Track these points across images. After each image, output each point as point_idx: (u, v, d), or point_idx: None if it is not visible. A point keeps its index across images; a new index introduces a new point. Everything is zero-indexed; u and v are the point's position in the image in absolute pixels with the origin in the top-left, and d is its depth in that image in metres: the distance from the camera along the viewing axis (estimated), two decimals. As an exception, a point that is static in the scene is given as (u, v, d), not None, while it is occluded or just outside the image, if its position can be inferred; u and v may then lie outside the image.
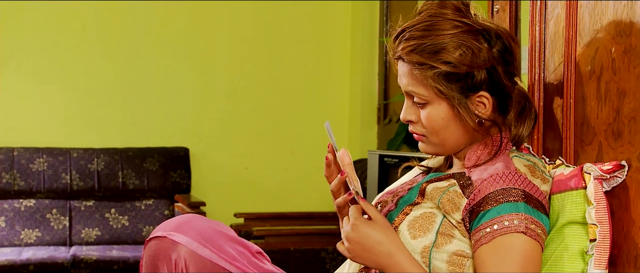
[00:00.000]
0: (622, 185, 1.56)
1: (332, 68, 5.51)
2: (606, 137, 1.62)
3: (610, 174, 1.57)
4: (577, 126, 1.73)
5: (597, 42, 1.65)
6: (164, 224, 1.74)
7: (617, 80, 1.58)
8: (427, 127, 1.69)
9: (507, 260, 1.54)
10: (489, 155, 1.68)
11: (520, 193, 1.57)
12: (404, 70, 1.70)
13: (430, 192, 1.67)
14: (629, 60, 1.55)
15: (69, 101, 5.16)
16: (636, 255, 1.53)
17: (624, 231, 1.56)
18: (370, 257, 1.64)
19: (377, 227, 1.64)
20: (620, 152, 1.57)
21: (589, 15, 1.68)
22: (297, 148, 5.45)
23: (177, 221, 1.74)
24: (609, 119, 1.61)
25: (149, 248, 1.73)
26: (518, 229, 1.54)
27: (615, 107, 1.59)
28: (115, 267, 4.44)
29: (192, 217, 1.75)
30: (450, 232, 1.62)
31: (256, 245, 1.78)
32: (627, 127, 1.55)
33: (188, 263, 1.68)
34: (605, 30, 1.63)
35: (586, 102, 1.69)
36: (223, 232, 1.75)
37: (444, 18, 1.68)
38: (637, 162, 1.52)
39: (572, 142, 1.73)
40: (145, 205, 5.01)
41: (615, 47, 1.59)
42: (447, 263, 1.62)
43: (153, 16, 5.24)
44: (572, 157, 1.73)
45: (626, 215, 1.55)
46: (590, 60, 1.67)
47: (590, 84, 1.68)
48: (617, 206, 1.57)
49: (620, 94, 1.57)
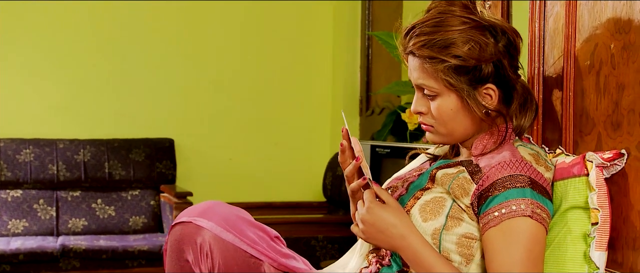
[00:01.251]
0: (621, 173, 1.67)
1: (314, 62, 5.59)
2: (605, 128, 1.73)
3: (610, 162, 1.68)
4: (576, 117, 1.84)
5: (596, 39, 1.76)
6: (188, 210, 1.83)
7: (617, 74, 1.69)
8: (437, 117, 1.79)
9: (514, 242, 1.64)
10: (495, 144, 1.78)
11: (526, 180, 1.67)
12: (415, 64, 1.79)
13: (441, 178, 1.78)
14: (627, 56, 1.66)
15: (55, 93, 5.19)
16: (634, 238, 1.65)
17: (622, 215, 1.67)
18: (384, 239, 1.74)
19: (390, 210, 1.74)
20: (619, 141, 1.68)
21: (588, 13, 1.79)
22: (280, 140, 5.54)
23: (201, 207, 1.82)
24: (608, 110, 1.72)
25: (174, 233, 1.81)
26: (524, 213, 1.65)
27: (614, 99, 1.70)
28: (104, 257, 4.48)
29: (215, 203, 1.84)
30: (459, 216, 1.73)
31: (274, 231, 1.87)
32: (626, 118, 1.66)
33: (212, 247, 1.77)
34: (604, 27, 1.73)
35: (585, 95, 1.80)
36: (244, 217, 1.84)
37: (452, 15, 1.77)
38: (636, 151, 1.63)
39: (572, 133, 1.84)
40: (131, 196, 5.06)
41: (614, 43, 1.70)
42: (456, 245, 1.72)
43: (140, 11, 5.28)
44: (572, 147, 1.84)
45: (625, 201, 1.67)
46: (590, 55, 1.78)
47: (589, 77, 1.79)
48: (616, 192, 1.69)
49: (619, 87, 1.68)
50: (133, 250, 4.51)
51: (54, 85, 5.18)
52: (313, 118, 5.58)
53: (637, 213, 1.64)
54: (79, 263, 4.47)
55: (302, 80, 5.57)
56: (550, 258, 1.71)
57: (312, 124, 5.58)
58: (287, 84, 5.54)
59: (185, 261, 1.78)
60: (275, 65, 5.51)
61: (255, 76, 5.48)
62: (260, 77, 5.49)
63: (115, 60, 5.27)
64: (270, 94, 5.52)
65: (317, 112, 5.59)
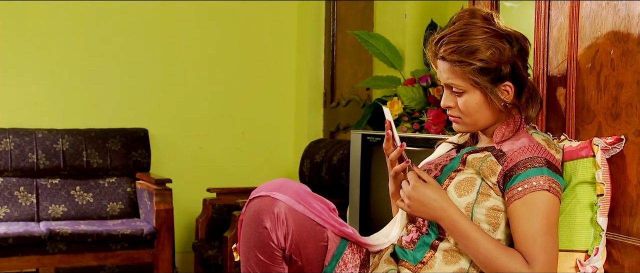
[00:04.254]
0: (620, 154, 2.08)
1: (280, 58, 5.90)
2: (605, 118, 2.13)
3: (611, 146, 2.09)
4: (578, 110, 2.24)
5: (596, 46, 2.17)
6: (264, 186, 2.16)
7: (616, 75, 2.10)
8: (464, 111, 2.17)
9: (535, 211, 2.03)
10: (511, 132, 2.17)
11: (543, 161, 2.07)
12: (445, 67, 2.16)
13: (471, 161, 2.15)
14: (626, 60, 2.06)
15: (34, 85, 5.34)
16: (631, 206, 2.06)
17: (620, 188, 2.08)
18: (427, 211, 2.11)
19: (432, 187, 2.12)
20: (618, 129, 2.09)
21: (590, 25, 2.19)
22: (248, 130, 5.83)
23: (275, 183, 2.16)
24: (608, 104, 2.12)
25: (253, 205, 2.14)
26: (543, 188, 2.04)
27: (614, 95, 2.10)
28: (90, 240, 4.68)
29: (286, 180, 2.17)
30: (487, 192, 2.11)
31: (332, 203, 2.22)
32: (625, 110, 2.07)
33: (287, 216, 2.11)
34: (604, 37, 2.14)
35: (586, 92, 2.20)
36: (309, 192, 2.18)
37: (475, 26, 2.15)
38: (633, 136, 2.04)
39: (574, 122, 2.25)
40: (108, 183, 5.29)
41: (614, 50, 2.10)
42: (485, 216, 2.10)
43: (116, 9, 5.46)
44: (574, 134, 2.25)
45: (623, 177, 2.08)
46: (591, 59, 2.19)
47: (590, 77, 2.19)
48: (615, 170, 2.09)
49: (618, 85, 2.09)
50: (117, 233, 4.73)
51: (33, 78, 5.33)
52: (278, 110, 5.89)
53: (633, 186, 2.05)
54: (65, 246, 4.65)
55: (268, 75, 5.87)
56: (563, 224, 2.10)
57: (277, 115, 5.89)
58: (254, 78, 5.82)
59: (263, 228, 2.10)
60: (243, 61, 5.79)
61: (224, 71, 5.75)
62: (229, 72, 5.76)
63: (92, 55, 5.45)
64: (238, 87, 5.79)
65: (282, 104, 5.90)
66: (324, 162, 4.43)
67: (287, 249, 2.13)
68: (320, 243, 2.16)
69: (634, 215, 2.04)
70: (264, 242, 2.11)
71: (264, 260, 2.14)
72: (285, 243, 2.12)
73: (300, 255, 2.14)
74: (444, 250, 2.14)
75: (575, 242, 2.09)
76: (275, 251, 2.12)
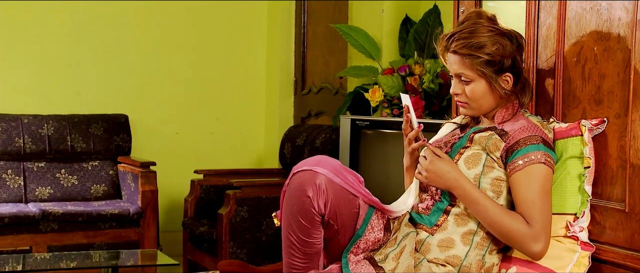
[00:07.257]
0: (602, 134, 2.50)
1: (251, 48, 6.25)
2: (589, 104, 2.56)
3: (595, 127, 2.51)
4: (564, 96, 2.66)
5: (581, 43, 2.59)
6: (305, 162, 2.52)
7: (599, 68, 2.52)
8: (471, 97, 2.57)
9: (533, 181, 2.44)
10: (510, 115, 2.58)
11: (539, 138, 2.48)
12: (456, 59, 2.55)
13: (477, 139, 2.55)
14: (608, 55, 2.48)
15: (20, 73, 5.57)
16: (611, 176, 2.48)
17: (602, 162, 2.51)
18: (442, 181, 2.51)
19: (445, 162, 2.51)
20: (601, 113, 2.51)
21: (575, 25, 2.61)
22: (221, 116, 6.17)
23: (315, 159, 2.52)
24: (592, 92, 2.54)
25: (296, 178, 2.50)
26: (540, 161, 2.45)
27: (597, 84, 2.53)
28: (80, 220, 4.95)
29: (324, 157, 2.54)
30: (492, 165, 2.51)
31: (361, 176, 2.60)
32: (606, 97, 2.49)
33: (327, 188, 2.47)
34: (588, 36, 2.56)
35: (572, 82, 2.62)
36: (343, 166, 2.55)
37: (482, 25, 2.55)
38: (613, 119, 2.47)
39: (561, 107, 2.66)
40: (91, 166, 5.55)
41: (597, 47, 2.52)
42: (490, 185, 2.51)
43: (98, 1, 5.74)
44: (561, 117, 2.67)
45: (604, 152, 2.50)
46: (576, 54, 2.61)
47: (576, 69, 2.61)
48: (598, 147, 2.51)
49: (601, 76, 2.51)
50: (106, 213, 5.01)
51: (18, 66, 5.56)
52: (250, 97, 6.24)
53: (613, 160, 2.47)
54: (57, 225, 4.92)
55: (240, 64, 6.21)
56: (555, 191, 2.52)
57: (249, 102, 6.24)
58: (227, 67, 6.16)
59: (306, 197, 2.46)
60: (217, 51, 6.12)
61: (199, 60, 6.08)
62: (204, 61, 6.09)
63: (75, 44, 5.71)
64: (213, 76, 6.13)
65: (253, 92, 6.25)
66: (306, 145, 4.75)
67: (326, 215, 2.49)
68: (353, 210, 2.53)
69: (614, 183, 2.46)
70: (306, 209, 2.47)
71: (305, 224, 2.50)
72: (324, 210, 2.48)
73: (336, 220, 2.51)
74: (455, 214, 2.53)
75: (566, 206, 2.51)
76: (315, 217, 2.49)
